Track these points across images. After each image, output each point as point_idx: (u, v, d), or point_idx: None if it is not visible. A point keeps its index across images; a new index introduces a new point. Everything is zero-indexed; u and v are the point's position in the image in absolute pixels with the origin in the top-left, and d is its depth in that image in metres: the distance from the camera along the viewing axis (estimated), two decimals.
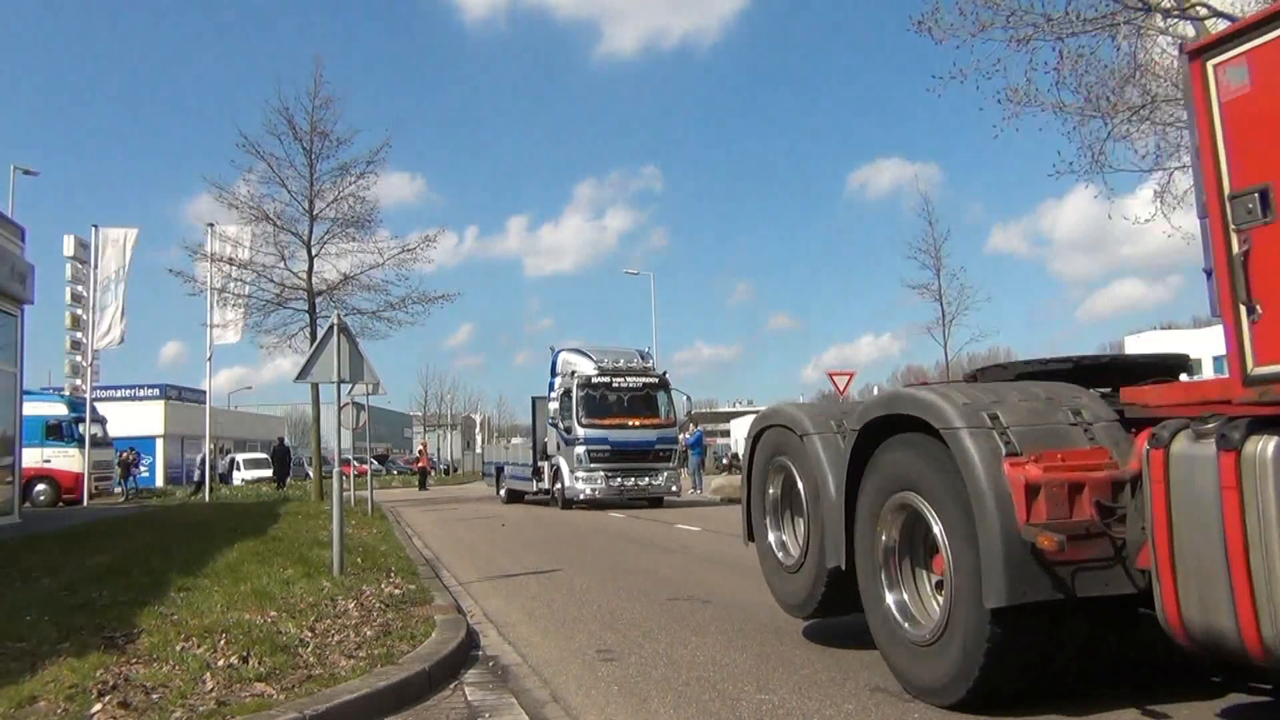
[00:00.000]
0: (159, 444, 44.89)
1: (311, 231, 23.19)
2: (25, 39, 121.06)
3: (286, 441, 41.95)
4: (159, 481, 42.10)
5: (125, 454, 35.37)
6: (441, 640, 5.92)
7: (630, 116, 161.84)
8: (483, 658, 6.10)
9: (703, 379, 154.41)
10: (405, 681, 4.99)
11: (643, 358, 22.75)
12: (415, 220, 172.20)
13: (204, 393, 29.48)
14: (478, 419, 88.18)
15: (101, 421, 29.99)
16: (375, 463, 39.04)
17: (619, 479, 20.98)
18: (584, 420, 20.99)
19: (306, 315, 23.13)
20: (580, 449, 20.98)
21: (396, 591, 7.95)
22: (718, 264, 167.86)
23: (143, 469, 41.66)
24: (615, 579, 9.63)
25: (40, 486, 27.11)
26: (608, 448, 20.93)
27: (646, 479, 21.32)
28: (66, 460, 27.83)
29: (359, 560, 9.87)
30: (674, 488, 21.85)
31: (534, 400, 25.22)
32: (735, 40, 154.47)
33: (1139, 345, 79.47)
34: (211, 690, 4.59)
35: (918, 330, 29.40)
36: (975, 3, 15.56)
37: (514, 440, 31.00)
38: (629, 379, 21.58)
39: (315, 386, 21.06)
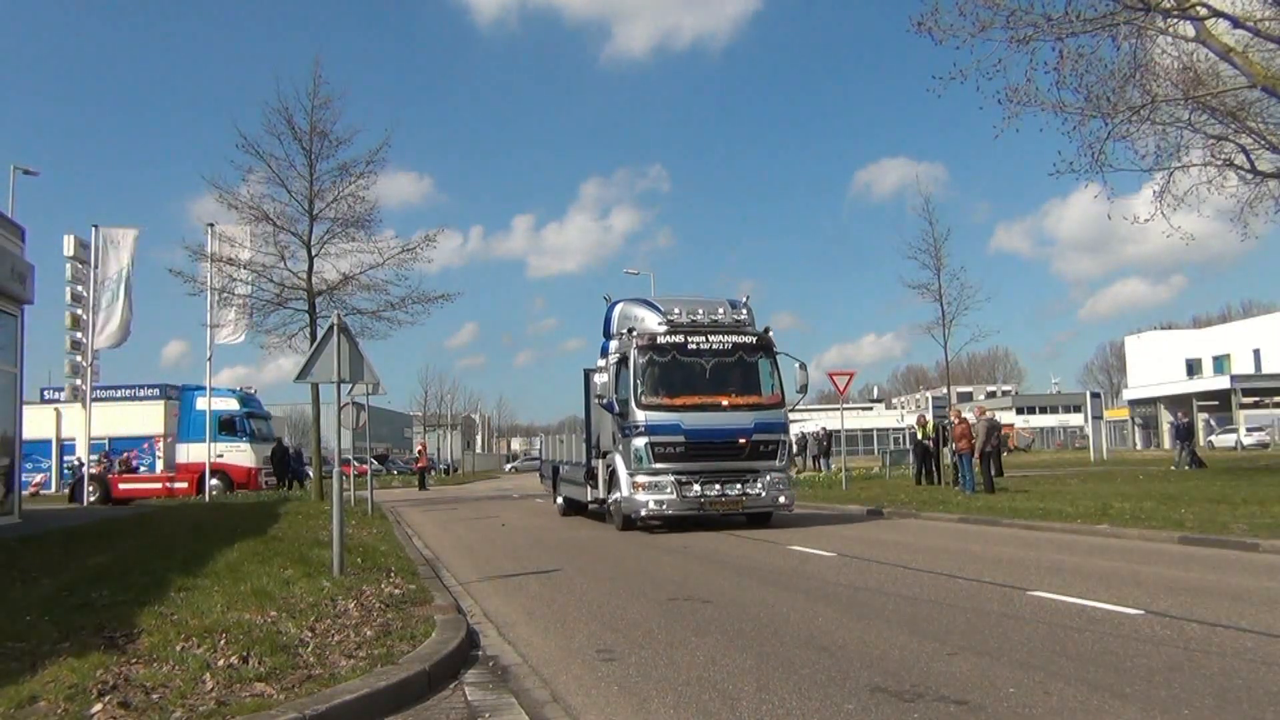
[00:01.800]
0: (159, 444, 44.82)
1: (311, 231, 23.21)
2: (26, 39, 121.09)
3: (285, 441, 41.91)
4: None
5: (125, 454, 35.49)
6: (441, 640, 5.92)
7: (638, 116, 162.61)
8: (483, 658, 6.10)
9: None
10: (405, 681, 4.98)
11: (734, 308, 15.88)
12: (422, 220, 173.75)
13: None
14: (478, 419, 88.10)
15: (266, 417, 30.34)
16: (375, 463, 39.02)
17: (698, 485, 14.34)
18: (646, 399, 14.49)
19: (306, 315, 23.14)
20: (640, 441, 14.42)
21: (396, 591, 7.95)
22: (722, 263, 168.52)
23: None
24: (615, 579, 9.63)
25: (213, 481, 27.25)
26: (681, 439, 14.35)
27: (740, 486, 14.49)
28: (239, 455, 28.45)
29: (359, 560, 9.87)
30: (783, 498, 14.85)
31: (586, 374, 17.86)
32: (747, 41, 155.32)
33: (1139, 346, 79.78)
34: (211, 690, 4.59)
35: (918, 330, 29.33)
36: (975, 3, 15.62)
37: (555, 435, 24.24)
38: (713, 338, 14.99)
39: (315, 386, 21.09)
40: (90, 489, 28.49)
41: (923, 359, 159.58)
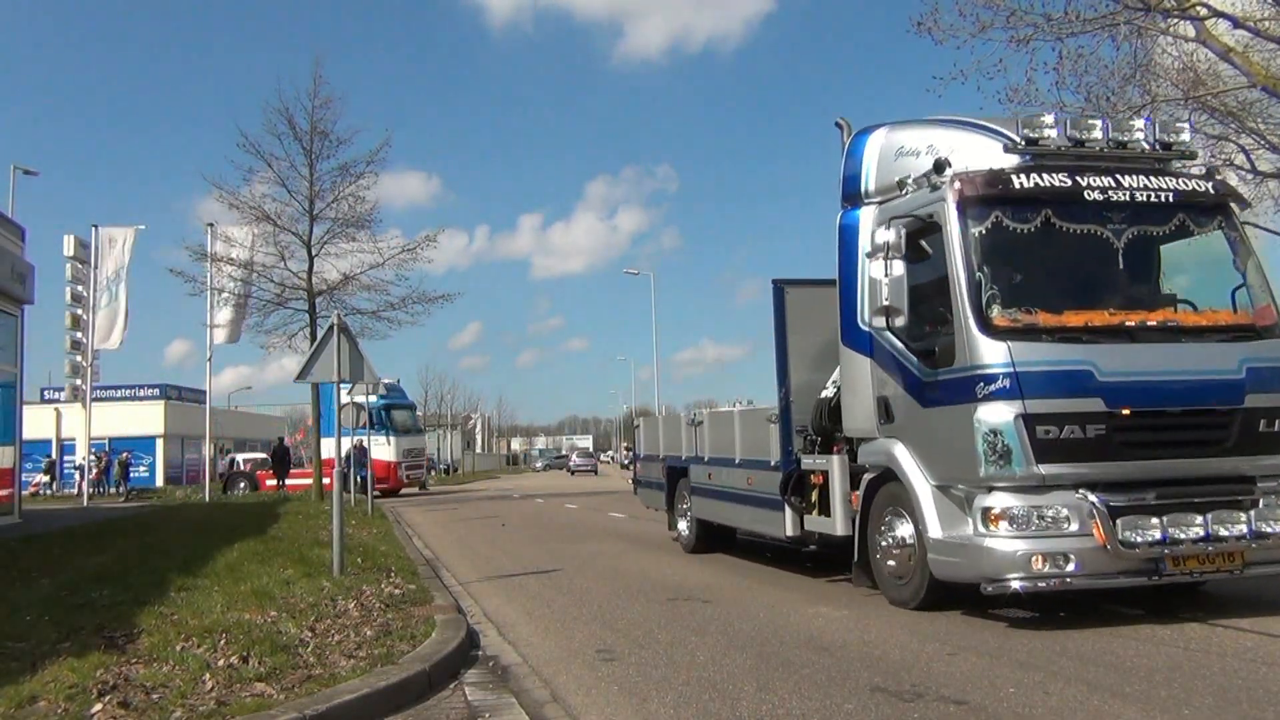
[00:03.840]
0: (159, 444, 44.86)
1: (312, 231, 23.21)
2: (26, 39, 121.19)
3: (286, 441, 41.96)
4: (159, 481, 42.05)
5: (124, 454, 35.51)
6: (441, 640, 5.92)
7: (648, 116, 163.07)
8: (483, 658, 6.10)
9: (705, 378, 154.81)
10: (405, 681, 4.98)
11: (1144, 138, 7.17)
12: (430, 220, 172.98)
13: (204, 392, 29.42)
14: (477, 418, 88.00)
15: (410, 408, 29.40)
16: None
17: (1154, 517, 6.12)
18: (999, 317, 6.46)
19: (307, 315, 23.14)
20: (1000, 413, 6.23)
21: (396, 591, 7.95)
22: (727, 263, 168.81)
23: (141, 469, 41.71)
24: (615, 579, 9.63)
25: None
26: (1099, 405, 6.22)
27: (1242, 515, 6.33)
28: (379, 449, 26.96)
29: (359, 560, 9.87)
30: None
31: (777, 288, 9.37)
32: (758, 42, 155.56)
33: None
34: (211, 690, 4.59)
35: None
36: (975, 3, 15.60)
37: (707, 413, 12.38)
38: (1127, 180, 6.84)
39: (315, 386, 21.10)
40: (242, 485, 28.91)
41: None
